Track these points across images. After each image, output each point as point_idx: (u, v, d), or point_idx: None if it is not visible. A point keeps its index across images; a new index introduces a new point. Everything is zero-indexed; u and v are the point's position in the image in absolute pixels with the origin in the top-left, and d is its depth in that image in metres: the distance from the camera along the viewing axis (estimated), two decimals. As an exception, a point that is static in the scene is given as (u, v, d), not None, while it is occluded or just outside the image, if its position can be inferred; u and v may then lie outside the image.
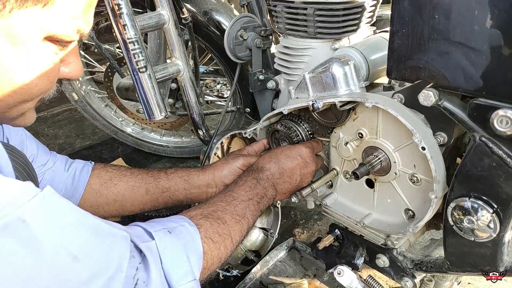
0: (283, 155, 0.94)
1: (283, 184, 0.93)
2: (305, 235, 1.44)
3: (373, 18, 1.02)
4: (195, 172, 1.01)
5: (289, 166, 0.93)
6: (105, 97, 1.89)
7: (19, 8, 0.47)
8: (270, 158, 0.94)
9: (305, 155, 0.94)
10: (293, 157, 0.93)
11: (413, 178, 0.84)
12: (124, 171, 1.00)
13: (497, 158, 0.66)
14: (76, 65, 0.61)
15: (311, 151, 0.96)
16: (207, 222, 0.72)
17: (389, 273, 0.99)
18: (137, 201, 0.98)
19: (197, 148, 1.85)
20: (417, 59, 0.71)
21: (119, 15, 0.88)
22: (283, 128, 1.02)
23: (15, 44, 0.50)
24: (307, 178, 0.96)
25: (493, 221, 0.70)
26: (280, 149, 0.96)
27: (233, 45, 1.12)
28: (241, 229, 0.79)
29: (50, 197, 0.51)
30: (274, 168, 0.92)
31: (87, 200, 0.95)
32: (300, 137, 1.01)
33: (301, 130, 1.01)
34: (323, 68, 0.89)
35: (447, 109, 0.71)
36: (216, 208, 0.77)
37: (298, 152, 0.94)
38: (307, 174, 0.95)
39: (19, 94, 0.54)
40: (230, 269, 1.23)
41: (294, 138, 1.01)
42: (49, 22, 0.51)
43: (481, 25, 0.60)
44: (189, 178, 1.00)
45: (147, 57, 0.96)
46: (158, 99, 1.01)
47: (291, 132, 1.01)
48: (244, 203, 0.82)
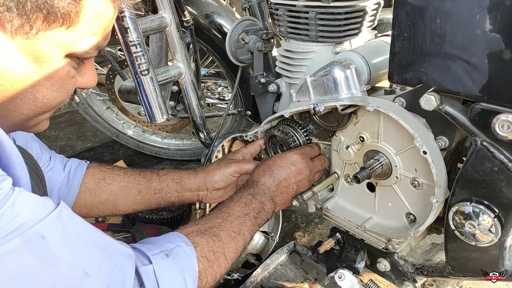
0: (276, 166, 0.93)
1: (281, 195, 0.92)
2: (306, 238, 1.44)
3: (374, 22, 1.02)
4: (187, 175, 1.01)
5: (283, 176, 0.92)
6: (106, 99, 1.90)
7: (45, 30, 0.49)
8: (263, 171, 0.93)
9: (297, 162, 0.93)
10: (286, 166, 0.93)
11: (414, 182, 0.84)
12: (117, 171, 1.01)
13: (499, 163, 0.66)
14: (91, 75, 0.63)
15: (303, 157, 0.95)
16: (203, 240, 0.73)
17: (390, 277, 0.99)
18: (130, 201, 0.99)
19: (198, 151, 1.85)
20: (418, 63, 0.71)
21: (122, 18, 0.88)
22: (280, 134, 1.01)
23: (40, 63, 0.51)
24: (303, 184, 0.95)
25: (494, 225, 0.70)
26: (272, 159, 0.95)
27: (234, 48, 1.12)
28: (236, 245, 0.79)
29: (66, 213, 0.53)
30: (269, 181, 0.91)
31: (82, 199, 0.95)
32: (297, 142, 1.01)
33: (299, 135, 1.00)
34: (324, 72, 0.89)
35: (448, 113, 0.71)
36: (212, 225, 0.77)
37: (289, 160, 0.94)
38: (303, 181, 0.95)
39: (39, 107, 0.56)
40: (230, 272, 1.22)
41: (292, 144, 1.00)
42: (72, 41, 0.52)
43: (483, 29, 0.60)
44: (181, 181, 1.00)
45: (149, 60, 0.97)
46: (159, 101, 1.02)
47: (288, 138, 1.00)
48: (239, 219, 0.82)
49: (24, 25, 0.47)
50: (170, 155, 1.95)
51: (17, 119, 0.56)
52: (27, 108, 0.54)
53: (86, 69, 0.61)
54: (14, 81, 0.50)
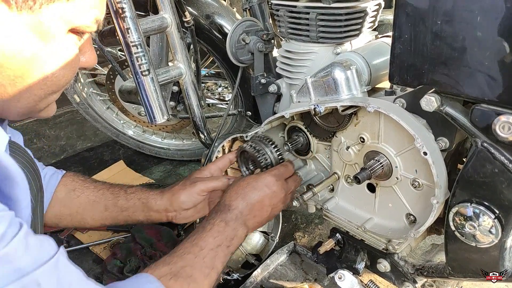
0: (250, 188, 0.88)
1: (253, 219, 0.88)
2: (306, 239, 1.44)
3: (375, 23, 1.03)
4: (153, 196, 0.98)
5: (257, 199, 0.88)
6: (106, 99, 1.90)
7: (48, 3, 0.51)
8: (236, 194, 0.88)
9: (272, 184, 0.90)
10: (260, 189, 0.89)
11: (415, 183, 0.84)
12: (88, 184, 0.99)
13: (499, 164, 0.66)
14: (91, 54, 0.64)
15: (278, 178, 0.91)
16: (177, 284, 0.70)
17: (390, 278, 0.99)
18: (97, 216, 0.97)
19: (198, 151, 1.85)
20: (419, 64, 0.71)
21: (123, 19, 0.88)
22: (251, 150, 0.98)
23: (46, 39, 0.53)
24: (278, 207, 0.92)
25: (494, 226, 0.70)
26: (246, 181, 0.90)
27: (235, 48, 1.12)
28: (210, 281, 0.76)
29: (62, 261, 0.54)
30: (242, 204, 0.87)
31: (53, 208, 0.94)
32: (268, 160, 0.97)
33: (270, 153, 0.97)
34: (325, 73, 0.89)
35: (449, 114, 0.71)
36: (185, 263, 0.74)
37: (264, 182, 0.89)
38: (277, 203, 0.91)
39: (49, 86, 0.57)
40: (230, 272, 1.22)
41: (262, 162, 0.97)
42: (73, 14, 0.54)
43: (483, 30, 0.60)
44: (148, 201, 0.97)
45: (149, 60, 0.97)
46: (160, 102, 1.02)
47: (259, 156, 0.97)
48: (213, 251, 0.78)
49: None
50: (170, 155, 1.95)
51: (29, 100, 0.57)
52: (38, 87, 0.56)
53: (86, 48, 0.63)
54: (24, 60, 0.52)
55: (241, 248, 1.32)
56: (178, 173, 1.88)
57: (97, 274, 1.33)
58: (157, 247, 1.33)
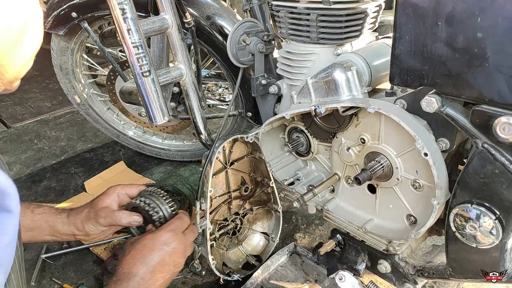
0: (147, 250, 0.83)
1: (157, 281, 0.82)
2: (307, 240, 1.44)
3: (375, 24, 1.03)
4: (60, 220, 0.95)
5: (157, 260, 0.82)
6: (107, 100, 1.90)
7: None
8: (134, 260, 0.81)
9: (170, 241, 0.85)
10: (158, 249, 0.84)
11: (415, 184, 0.84)
12: None
13: (500, 165, 0.66)
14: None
15: (175, 233, 0.87)
16: None
17: (390, 279, 0.99)
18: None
19: (199, 152, 1.85)
20: (419, 65, 0.71)
21: (124, 20, 0.88)
22: (142, 205, 0.93)
23: None
24: (180, 263, 0.88)
25: (495, 227, 0.70)
26: (141, 243, 0.85)
27: (235, 49, 1.12)
28: None
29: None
30: (143, 270, 0.80)
31: None
32: (161, 214, 0.93)
33: (164, 208, 0.93)
34: (325, 74, 0.90)
35: (449, 115, 0.71)
36: None
37: (161, 241, 0.85)
38: (179, 259, 0.87)
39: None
40: (231, 273, 1.22)
41: (155, 217, 0.92)
42: None
43: (484, 31, 0.60)
44: (55, 225, 0.94)
45: (150, 61, 0.97)
46: (161, 103, 1.01)
47: (151, 211, 0.92)
48: None
49: None
50: (171, 156, 1.95)
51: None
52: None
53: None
54: None
55: (241, 249, 1.32)
56: (179, 174, 1.88)
57: (97, 275, 1.33)
58: (157, 248, 1.33)
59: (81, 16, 1.45)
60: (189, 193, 1.71)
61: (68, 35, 1.61)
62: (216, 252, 1.24)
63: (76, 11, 1.45)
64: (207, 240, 1.13)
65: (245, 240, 1.33)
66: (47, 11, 1.53)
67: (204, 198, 1.10)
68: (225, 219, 1.26)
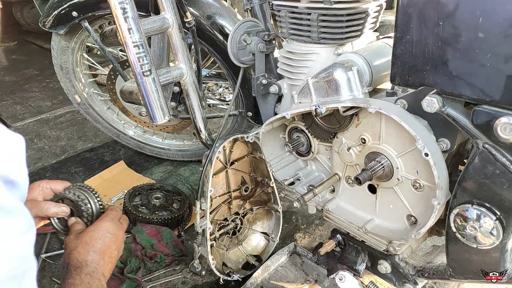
0: (95, 239, 0.91)
1: (107, 265, 0.91)
2: (307, 240, 1.44)
3: (376, 23, 1.03)
4: None
5: (105, 247, 0.91)
6: (107, 99, 1.90)
7: None
8: (85, 249, 0.89)
9: (112, 228, 0.93)
10: (103, 237, 0.92)
11: (416, 184, 0.84)
12: None
13: (501, 165, 0.66)
14: None
15: (114, 222, 0.95)
16: None
17: (391, 279, 0.99)
18: None
19: (199, 152, 1.85)
20: (420, 65, 0.71)
21: (125, 19, 0.88)
22: (71, 196, 0.97)
23: None
24: (121, 247, 0.96)
25: (496, 228, 0.70)
26: (87, 235, 0.91)
27: (236, 49, 1.12)
28: None
29: None
30: (96, 257, 0.88)
31: None
32: (89, 206, 0.97)
33: (92, 201, 0.97)
34: (326, 73, 0.89)
35: (450, 115, 0.71)
36: None
37: (103, 229, 0.93)
38: (120, 244, 0.95)
39: None
40: (231, 273, 1.22)
41: (83, 207, 0.97)
42: None
43: (485, 32, 0.60)
44: None
45: (151, 60, 0.97)
46: (161, 102, 1.01)
47: (83, 205, 0.97)
48: None
49: None
50: (171, 156, 1.95)
51: None
52: None
53: None
54: None
55: (241, 249, 1.32)
56: (179, 174, 1.88)
57: (97, 274, 1.33)
58: (157, 248, 1.33)
59: (81, 15, 1.45)
60: (189, 193, 1.71)
61: (69, 35, 1.61)
62: (216, 252, 1.24)
63: (76, 10, 1.45)
64: (207, 240, 1.13)
65: (245, 240, 1.33)
66: (47, 10, 1.53)
67: (204, 198, 1.10)
68: (225, 219, 1.26)
